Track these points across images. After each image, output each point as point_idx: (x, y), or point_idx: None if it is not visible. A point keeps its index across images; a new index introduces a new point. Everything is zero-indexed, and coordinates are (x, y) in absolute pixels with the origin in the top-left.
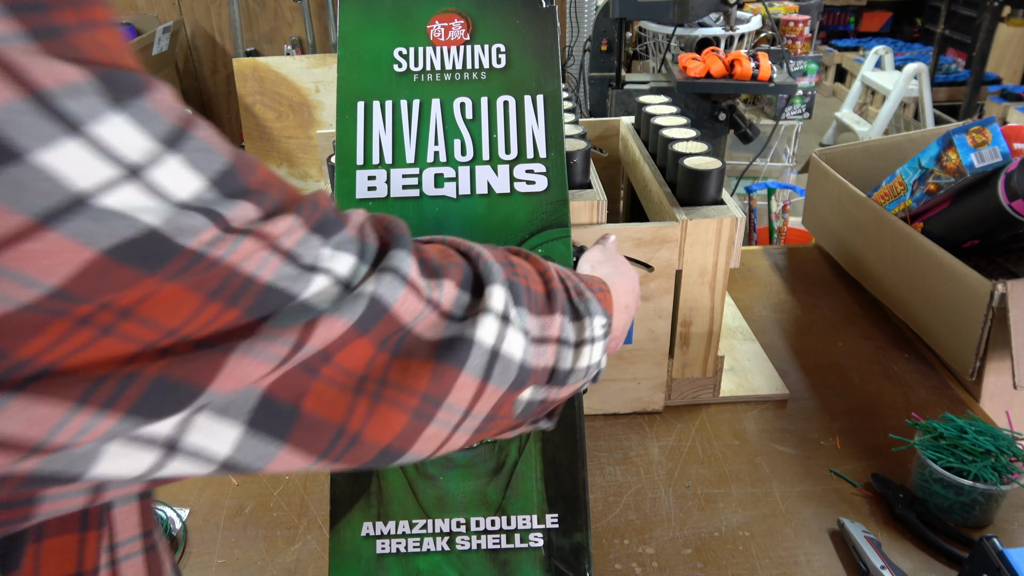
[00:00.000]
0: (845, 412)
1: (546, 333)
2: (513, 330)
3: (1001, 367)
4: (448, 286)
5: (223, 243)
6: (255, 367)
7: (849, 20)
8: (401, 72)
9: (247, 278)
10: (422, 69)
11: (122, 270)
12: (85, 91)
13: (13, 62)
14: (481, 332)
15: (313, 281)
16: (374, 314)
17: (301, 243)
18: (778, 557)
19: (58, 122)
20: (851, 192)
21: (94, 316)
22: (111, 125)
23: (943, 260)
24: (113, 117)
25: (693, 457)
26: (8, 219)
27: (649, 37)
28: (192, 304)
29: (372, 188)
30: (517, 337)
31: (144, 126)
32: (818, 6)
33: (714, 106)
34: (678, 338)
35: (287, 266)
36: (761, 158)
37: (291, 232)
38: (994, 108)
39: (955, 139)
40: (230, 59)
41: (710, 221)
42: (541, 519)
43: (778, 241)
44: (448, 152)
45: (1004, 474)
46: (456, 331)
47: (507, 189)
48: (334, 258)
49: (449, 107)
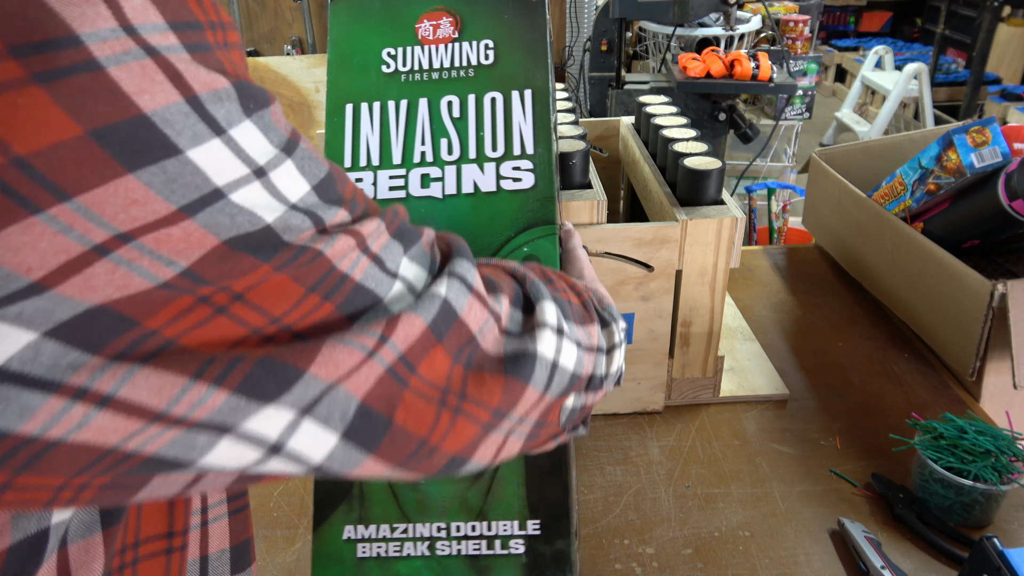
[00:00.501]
0: (845, 412)
1: (590, 342)
2: (568, 342)
3: (1001, 367)
4: (504, 302)
5: (321, 240)
6: (347, 356)
7: (849, 20)
8: (389, 73)
9: (342, 275)
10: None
11: (241, 258)
12: (227, 98)
13: (177, 69)
14: (542, 346)
15: (394, 286)
16: (446, 318)
17: (385, 248)
18: (778, 557)
19: (209, 124)
20: (851, 192)
21: (213, 296)
22: (245, 130)
23: (943, 260)
24: (246, 123)
25: (693, 457)
26: (158, 207)
27: (649, 37)
28: (295, 295)
29: None
30: (571, 348)
31: (267, 133)
32: (818, 6)
33: (714, 106)
34: (678, 338)
35: (374, 268)
36: (761, 158)
37: (378, 235)
38: (994, 108)
39: (955, 139)
40: None
41: (710, 221)
42: (523, 525)
43: (778, 241)
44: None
45: (1004, 474)
46: (519, 346)
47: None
48: (410, 268)
49: (436, 106)
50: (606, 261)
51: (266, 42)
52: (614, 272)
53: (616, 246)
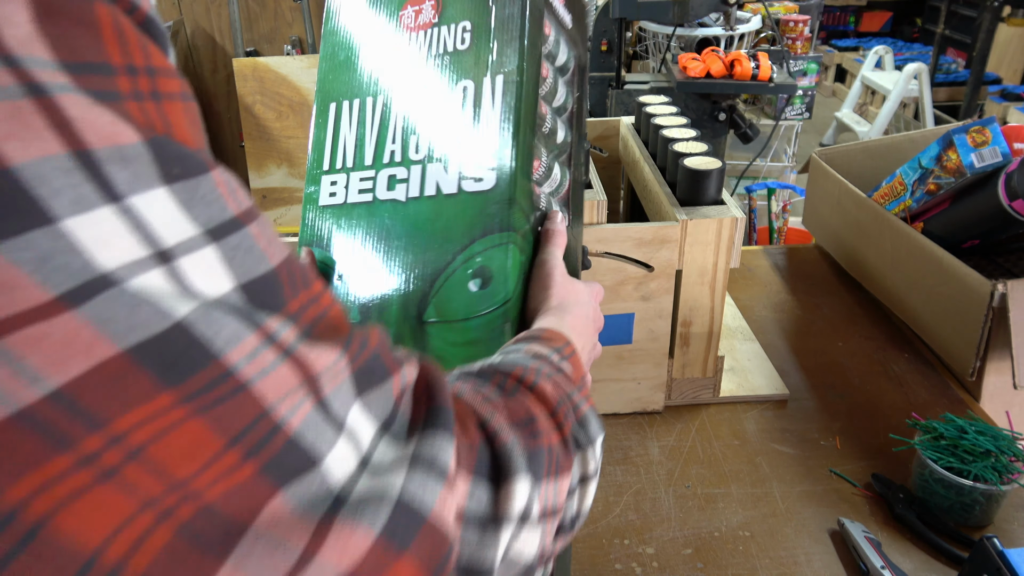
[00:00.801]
0: (845, 412)
1: (557, 498)
2: (529, 530)
3: (1001, 367)
4: (459, 480)
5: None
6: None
7: (849, 20)
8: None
9: (274, 425)
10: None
11: (140, 377)
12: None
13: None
14: (499, 555)
15: (337, 444)
16: (407, 522)
17: (339, 390)
18: (778, 557)
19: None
20: (851, 192)
21: (101, 454)
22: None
23: (943, 260)
24: (159, 191)
25: (693, 457)
26: (25, 293)
27: (649, 37)
28: (208, 447)
29: (333, 194)
30: (534, 536)
31: (190, 208)
32: (818, 6)
33: (714, 106)
34: (678, 338)
35: (318, 414)
36: (761, 158)
37: (333, 373)
38: (994, 108)
39: (955, 139)
40: (230, 59)
41: (710, 221)
42: None
43: (778, 241)
44: (403, 150)
45: (1004, 474)
46: (475, 552)
47: (454, 189)
48: (359, 419)
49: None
50: (606, 261)
51: (266, 42)
52: (614, 272)
53: (616, 246)
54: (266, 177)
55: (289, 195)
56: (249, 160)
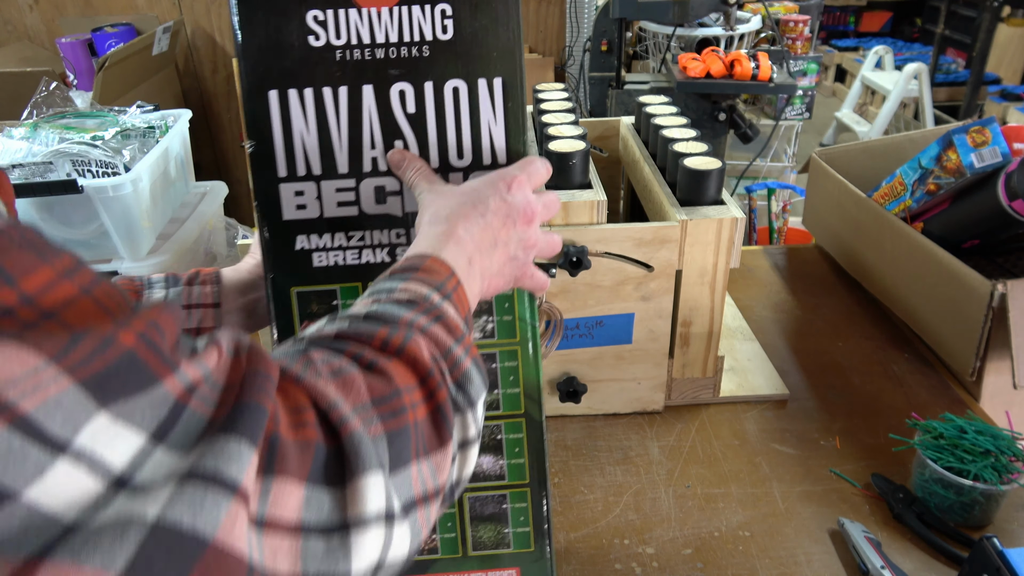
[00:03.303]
0: (845, 412)
1: (435, 478)
2: (401, 528)
3: (1001, 367)
4: (283, 490)
5: None
6: None
7: (849, 20)
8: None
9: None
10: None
11: None
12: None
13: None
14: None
15: (52, 470)
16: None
17: (52, 403)
18: (778, 557)
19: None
20: (851, 192)
21: None
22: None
23: (943, 260)
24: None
25: (693, 457)
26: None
27: (649, 37)
28: None
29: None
30: (402, 531)
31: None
32: (818, 6)
33: (714, 106)
34: (678, 338)
35: (10, 436)
36: (761, 158)
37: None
38: (994, 108)
39: (955, 139)
40: (230, 59)
41: (710, 221)
42: None
43: (778, 241)
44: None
45: (1004, 474)
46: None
47: None
48: (107, 435)
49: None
50: (606, 261)
51: None
52: (614, 272)
53: (616, 246)
54: None
55: None
56: None
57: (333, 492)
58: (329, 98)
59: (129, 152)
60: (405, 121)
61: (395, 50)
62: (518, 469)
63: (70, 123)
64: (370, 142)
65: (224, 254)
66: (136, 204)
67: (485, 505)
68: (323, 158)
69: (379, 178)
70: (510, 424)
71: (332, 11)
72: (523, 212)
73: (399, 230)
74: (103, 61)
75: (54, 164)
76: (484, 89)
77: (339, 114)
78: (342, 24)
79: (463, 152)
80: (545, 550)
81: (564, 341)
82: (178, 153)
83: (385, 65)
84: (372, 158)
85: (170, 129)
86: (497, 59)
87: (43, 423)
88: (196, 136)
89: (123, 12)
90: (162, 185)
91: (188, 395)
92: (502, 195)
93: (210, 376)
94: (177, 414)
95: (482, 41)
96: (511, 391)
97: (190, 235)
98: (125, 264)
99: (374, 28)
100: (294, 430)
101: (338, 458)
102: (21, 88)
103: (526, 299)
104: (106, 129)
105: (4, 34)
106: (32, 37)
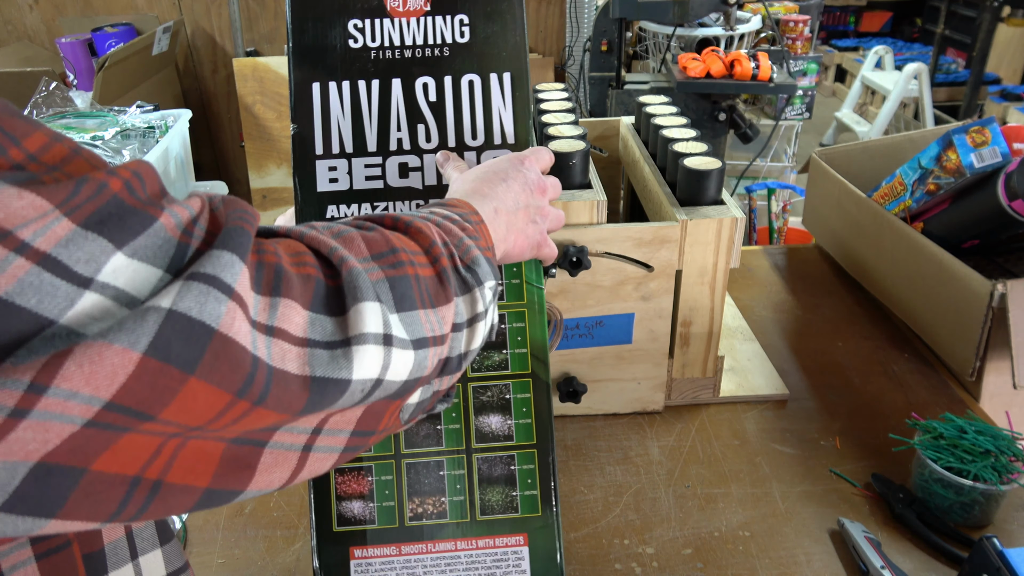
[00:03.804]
0: (845, 412)
1: (442, 327)
2: (399, 352)
3: (1001, 367)
4: (289, 309)
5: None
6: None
7: (849, 20)
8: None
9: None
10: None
11: None
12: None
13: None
14: (360, 370)
15: (81, 300)
16: (188, 338)
17: (67, 243)
18: (778, 557)
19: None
20: (851, 192)
21: None
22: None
23: (943, 260)
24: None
25: (693, 457)
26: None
27: (649, 37)
28: None
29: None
30: (405, 358)
31: None
32: (818, 6)
33: (714, 106)
34: (678, 338)
35: (39, 274)
36: (761, 158)
37: (41, 221)
38: (994, 108)
39: (955, 139)
40: (230, 59)
41: (710, 221)
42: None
43: (778, 241)
44: (412, 139)
45: (1004, 474)
46: (329, 371)
47: None
48: (127, 270)
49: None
50: (606, 261)
51: (266, 42)
52: (614, 272)
53: (616, 246)
54: (266, 177)
55: (289, 195)
56: (249, 160)
57: (334, 319)
58: (363, 89)
59: (129, 152)
60: (427, 108)
61: (420, 51)
62: (525, 429)
63: (70, 123)
64: (396, 125)
65: None
66: None
67: (494, 466)
68: (355, 138)
69: (403, 156)
70: (517, 383)
71: (369, 20)
72: (537, 184)
73: (419, 201)
74: (103, 61)
75: None
76: (495, 82)
77: (371, 102)
78: (377, 30)
79: (476, 133)
80: (551, 516)
81: (564, 341)
82: (178, 153)
83: (411, 63)
84: (397, 139)
85: (170, 129)
86: (507, 57)
87: (65, 259)
88: (196, 136)
89: (123, 12)
90: None
91: (187, 233)
92: (518, 168)
93: (196, 217)
94: (185, 249)
95: (494, 43)
96: (518, 351)
97: None
98: None
99: (404, 34)
100: (296, 267)
101: (338, 294)
102: (21, 88)
103: (533, 264)
104: (106, 129)
105: (4, 34)
106: (32, 37)
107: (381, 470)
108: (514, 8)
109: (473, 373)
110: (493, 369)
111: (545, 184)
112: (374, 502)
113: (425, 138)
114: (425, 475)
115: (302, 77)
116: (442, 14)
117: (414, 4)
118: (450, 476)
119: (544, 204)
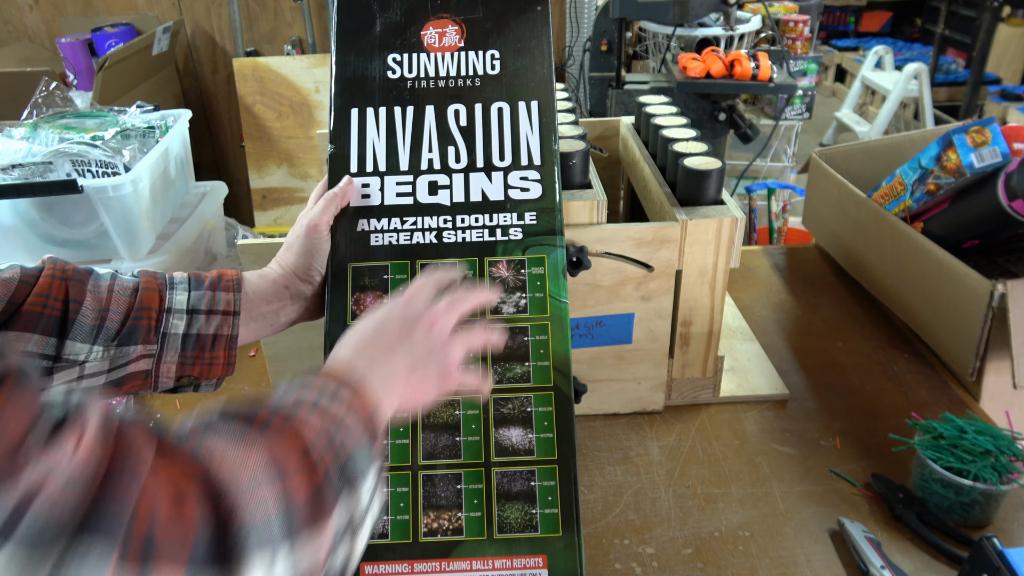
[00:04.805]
0: (845, 412)
1: (319, 550)
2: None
3: (1001, 367)
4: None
5: None
6: None
7: (849, 20)
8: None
9: None
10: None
11: None
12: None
13: None
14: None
15: None
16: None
17: None
18: (778, 557)
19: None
20: (851, 192)
21: None
22: None
23: (943, 260)
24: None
25: (693, 457)
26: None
27: (649, 37)
28: None
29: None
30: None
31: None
32: (818, 6)
33: (714, 106)
34: (678, 338)
35: None
36: (761, 158)
37: None
38: (994, 108)
39: (955, 139)
40: (230, 59)
41: (710, 221)
42: None
43: (778, 241)
44: (442, 159)
45: (1004, 474)
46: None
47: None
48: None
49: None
50: (606, 261)
51: (266, 42)
52: (614, 272)
53: (616, 246)
54: (266, 177)
55: (289, 195)
56: (249, 160)
57: (219, 567)
58: (398, 114)
59: (129, 152)
60: (458, 132)
61: (454, 82)
62: (547, 444)
63: (70, 123)
64: (428, 147)
65: (224, 254)
66: (136, 204)
67: (513, 481)
68: (388, 158)
69: (433, 175)
70: (540, 396)
71: (407, 54)
72: (421, 320)
73: (446, 217)
74: (103, 61)
75: (54, 164)
76: (523, 109)
77: (405, 126)
78: (414, 64)
79: (504, 155)
80: (573, 537)
81: None
82: (178, 153)
83: (445, 92)
84: (428, 159)
85: (170, 129)
86: (534, 87)
87: None
88: (196, 136)
89: (123, 12)
90: (162, 185)
91: (34, 493)
92: (399, 311)
93: (61, 472)
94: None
95: (523, 75)
96: (541, 364)
97: (190, 235)
98: (125, 264)
99: (439, 67)
100: (174, 519)
101: (222, 542)
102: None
103: (559, 277)
104: (106, 129)
105: (4, 34)
106: (32, 37)
107: (397, 481)
108: (543, 45)
109: (495, 385)
110: (515, 381)
111: (434, 316)
112: (388, 515)
113: (455, 159)
114: (442, 488)
115: (342, 104)
116: (475, 50)
117: (450, 41)
118: (468, 490)
119: (434, 342)
